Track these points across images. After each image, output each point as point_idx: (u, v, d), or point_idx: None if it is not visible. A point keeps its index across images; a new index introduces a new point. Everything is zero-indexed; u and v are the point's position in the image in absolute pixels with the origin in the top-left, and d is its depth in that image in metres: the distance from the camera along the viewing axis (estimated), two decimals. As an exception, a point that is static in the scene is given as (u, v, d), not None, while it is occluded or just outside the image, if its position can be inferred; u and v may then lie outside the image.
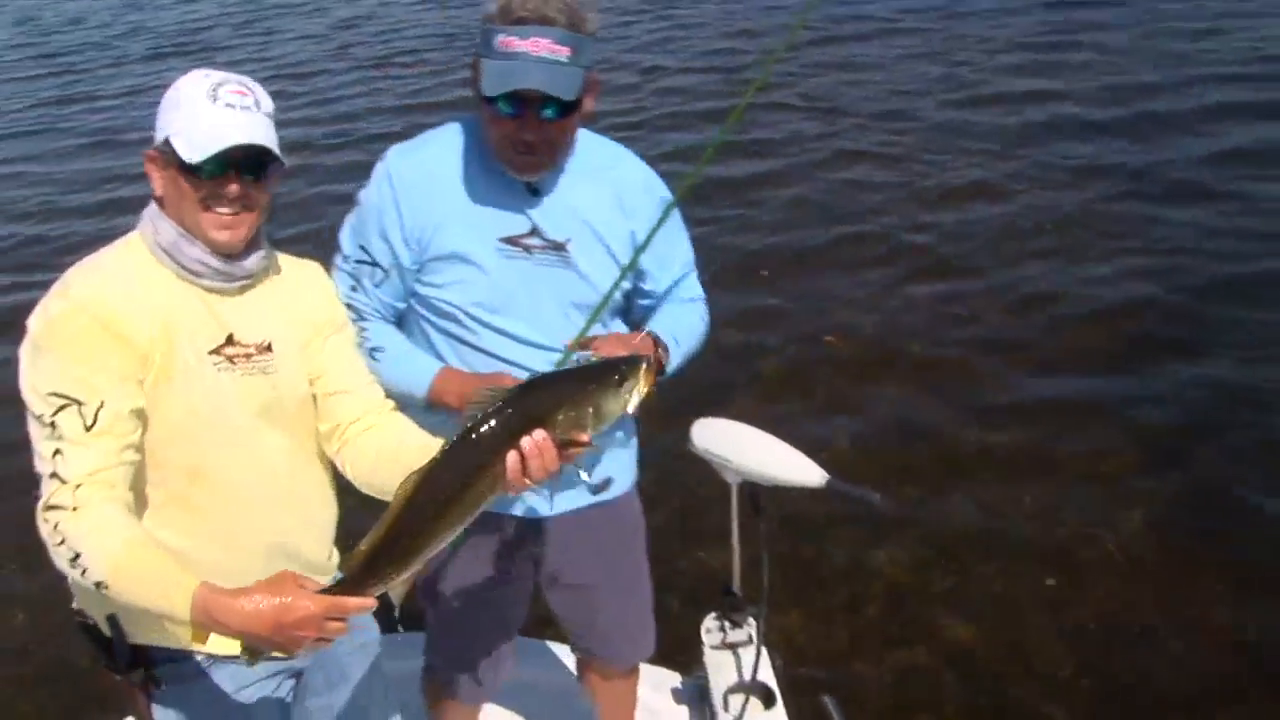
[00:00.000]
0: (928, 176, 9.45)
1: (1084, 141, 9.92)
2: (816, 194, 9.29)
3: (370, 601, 2.15)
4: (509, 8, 2.53)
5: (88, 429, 2.17)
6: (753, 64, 12.32)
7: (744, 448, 3.20)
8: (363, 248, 2.78)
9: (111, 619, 2.39)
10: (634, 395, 2.26)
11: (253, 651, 2.16)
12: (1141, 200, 8.66)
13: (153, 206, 2.39)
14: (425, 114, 12.34)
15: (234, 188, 2.31)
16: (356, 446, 2.54)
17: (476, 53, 2.62)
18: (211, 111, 2.29)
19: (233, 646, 2.20)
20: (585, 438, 2.23)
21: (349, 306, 2.77)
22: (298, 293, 2.58)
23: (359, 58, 15.75)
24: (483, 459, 2.21)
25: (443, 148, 2.79)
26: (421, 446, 2.40)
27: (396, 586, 2.24)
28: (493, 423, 2.20)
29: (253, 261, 2.43)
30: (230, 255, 2.38)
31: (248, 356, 2.41)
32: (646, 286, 2.94)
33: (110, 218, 10.31)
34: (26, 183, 11.95)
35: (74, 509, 2.12)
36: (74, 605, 2.52)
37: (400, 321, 2.89)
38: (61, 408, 2.17)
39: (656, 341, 2.74)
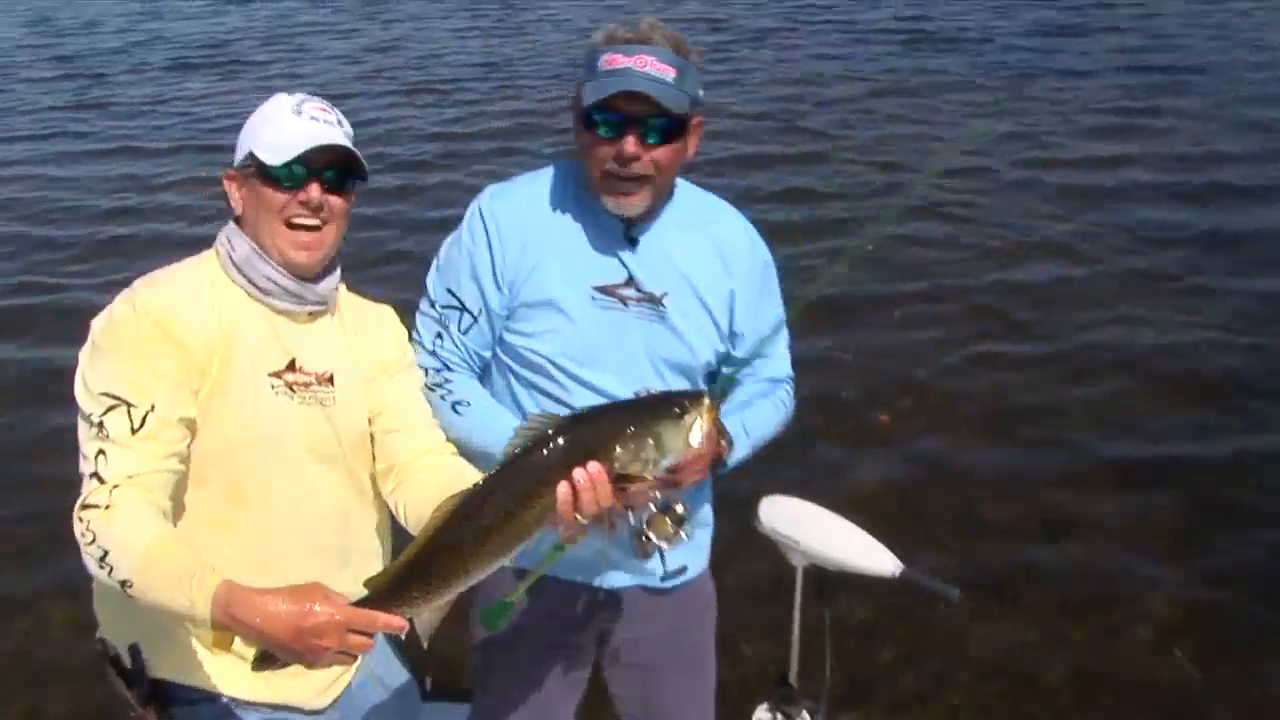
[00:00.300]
0: (994, 236, 9.46)
1: (1157, 207, 9.94)
2: (878, 246, 9.30)
3: (399, 621, 2.12)
4: (615, 33, 2.62)
5: (134, 431, 2.24)
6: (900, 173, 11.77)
7: (814, 530, 3.20)
8: (450, 291, 2.79)
9: (134, 649, 2.43)
10: (696, 430, 2.22)
11: (265, 659, 2.12)
12: (1214, 271, 8.68)
13: (230, 224, 2.50)
14: (461, 143, 12.59)
15: (315, 190, 2.41)
16: (412, 486, 2.54)
17: (579, 80, 2.67)
18: (296, 122, 2.43)
19: (255, 686, 2.25)
20: (647, 474, 2.21)
21: (433, 355, 2.78)
22: (368, 331, 2.65)
23: (393, 82, 15.87)
24: (530, 488, 2.16)
25: (540, 189, 2.81)
26: None
27: (424, 614, 2.19)
28: (544, 451, 2.17)
29: (325, 286, 2.51)
30: (304, 277, 2.46)
31: (307, 385, 2.48)
32: (736, 353, 2.91)
33: (120, 225, 10.49)
34: (36, 185, 12.04)
35: (107, 508, 2.17)
36: (98, 634, 2.55)
37: (484, 372, 2.88)
38: (111, 408, 2.24)
39: (722, 433, 2.72)
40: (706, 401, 2.26)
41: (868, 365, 7.37)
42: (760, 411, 2.90)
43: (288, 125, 2.42)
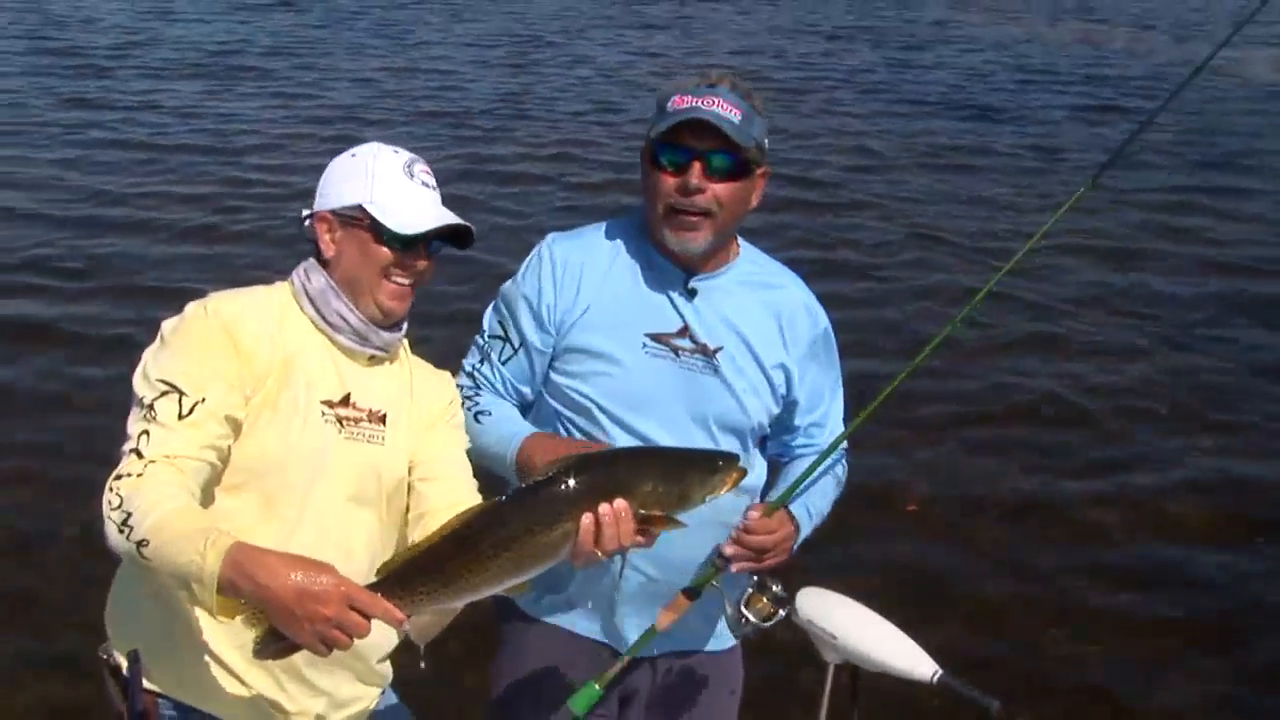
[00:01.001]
0: (1040, 321, 9.59)
1: (1215, 312, 10.04)
2: (904, 318, 9.45)
3: (398, 613, 2.20)
4: (684, 82, 2.84)
5: (181, 418, 2.42)
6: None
7: (852, 626, 3.21)
8: (500, 323, 3.02)
9: (133, 655, 2.56)
10: (720, 489, 2.39)
11: (266, 642, 2.21)
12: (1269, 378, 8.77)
13: (310, 261, 2.68)
14: (474, 162, 12.84)
15: (423, 263, 2.62)
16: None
17: (649, 126, 2.84)
18: (411, 188, 2.62)
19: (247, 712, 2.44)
20: (662, 515, 2.32)
21: (470, 375, 2.99)
22: (424, 388, 2.79)
23: (406, 107, 16.09)
24: (555, 511, 2.27)
25: (602, 237, 2.99)
26: None
27: (424, 616, 2.29)
28: (573, 480, 2.28)
29: (390, 335, 2.69)
30: (376, 321, 2.63)
31: (357, 421, 2.63)
32: (795, 420, 3.05)
33: (94, 234, 10.58)
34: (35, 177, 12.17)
35: (139, 476, 2.34)
36: (101, 647, 2.70)
37: (524, 409, 3.02)
38: (164, 394, 2.43)
39: (791, 518, 2.89)
40: (738, 464, 2.41)
41: (897, 448, 7.39)
42: (821, 490, 3.04)
43: (408, 193, 2.60)
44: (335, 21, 23.43)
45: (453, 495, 2.68)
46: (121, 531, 2.28)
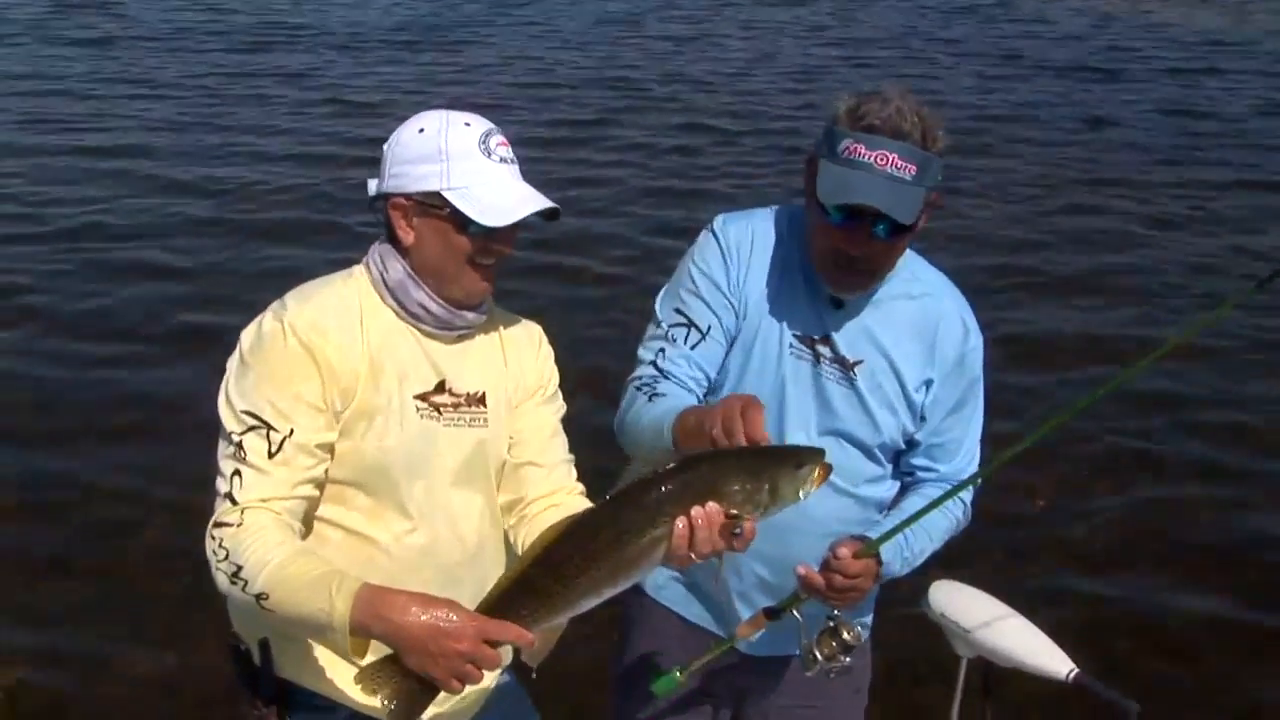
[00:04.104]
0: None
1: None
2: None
3: (528, 636, 2.15)
4: (861, 112, 2.54)
5: (270, 456, 2.30)
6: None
7: (985, 620, 3.13)
8: (679, 310, 2.81)
9: (263, 644, 2.49)
10: (810, 485, 2.27)
11: (403, 701, 2.17)
12: None
13: (385, 245, 2.49)
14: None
15: (509, 247, 2.44)
16: (538, 523, 2.53)
17: (814, 151, 2.63)
18: (491, 170, 2.41)
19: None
20: (750, 518, 2.21)
21: (653, 364, 2.77)
22: (515, 351, 2.65)
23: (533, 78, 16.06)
24: (648, 518, 2.19)
25: (767, 225, 2.82)
26: None
27: (535, 637, 2.21)
28: (665, 485, 2.19)
29: (476, 314, 2.52)
30: (459, 305, 2.47)
31: (455, 406, 2.49)
32: (917, 435, 2.84)
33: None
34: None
35: (239, 525, 2.26)
36: (230, 631, 2.61)
37: (710, 393, 2.83)
38: (251, 428, 2.31)
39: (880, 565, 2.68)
40: (822, 458, 2.28)
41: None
42: (929, 528, 2.77)
43: (488, 175, 2.40)
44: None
45: (550, 483, 2.61)
46: (235, 583, 2.23)
